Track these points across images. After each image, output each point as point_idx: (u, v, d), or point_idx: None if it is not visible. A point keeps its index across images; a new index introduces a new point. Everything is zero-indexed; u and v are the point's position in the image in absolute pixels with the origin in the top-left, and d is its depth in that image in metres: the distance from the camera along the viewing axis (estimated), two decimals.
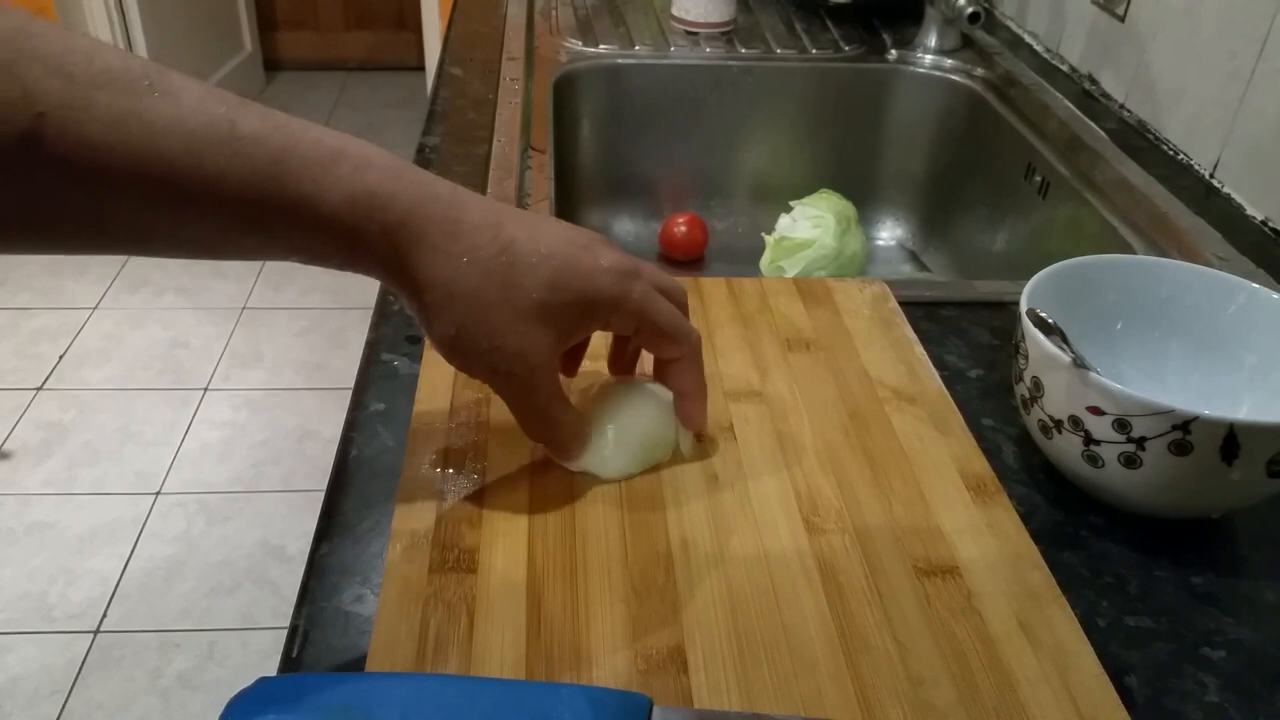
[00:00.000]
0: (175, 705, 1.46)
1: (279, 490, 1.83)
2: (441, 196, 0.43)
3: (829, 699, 0.40)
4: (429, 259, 0.42)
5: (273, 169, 0.39)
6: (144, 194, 0.37)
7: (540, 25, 1.18)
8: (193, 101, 0.38)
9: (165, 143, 0.37)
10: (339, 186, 0.40)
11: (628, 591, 0.44)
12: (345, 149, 0.41)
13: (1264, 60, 0.79)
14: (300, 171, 0.39)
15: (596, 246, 0.46)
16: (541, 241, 0.44)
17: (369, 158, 0.41)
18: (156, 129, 0.36)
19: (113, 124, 0.36)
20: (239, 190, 0.38)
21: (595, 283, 0.45)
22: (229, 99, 0.39)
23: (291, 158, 0.39)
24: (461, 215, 0.43)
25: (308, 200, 0.40)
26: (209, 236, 0.40)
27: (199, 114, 0.37)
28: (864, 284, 0.68)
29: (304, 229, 0.40)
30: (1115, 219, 0.84)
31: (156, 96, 0.37)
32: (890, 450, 0.53)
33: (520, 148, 0.87)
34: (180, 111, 0.37)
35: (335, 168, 0.40)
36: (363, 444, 0.53)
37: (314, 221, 0.40)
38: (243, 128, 0.38)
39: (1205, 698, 0.42)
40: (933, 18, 1.13)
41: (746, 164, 1.18)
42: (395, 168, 0.42)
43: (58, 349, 2.15)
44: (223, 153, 0.38)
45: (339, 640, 0.42)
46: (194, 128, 0.37)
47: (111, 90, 0.36)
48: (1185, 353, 0.57)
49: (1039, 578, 0.46)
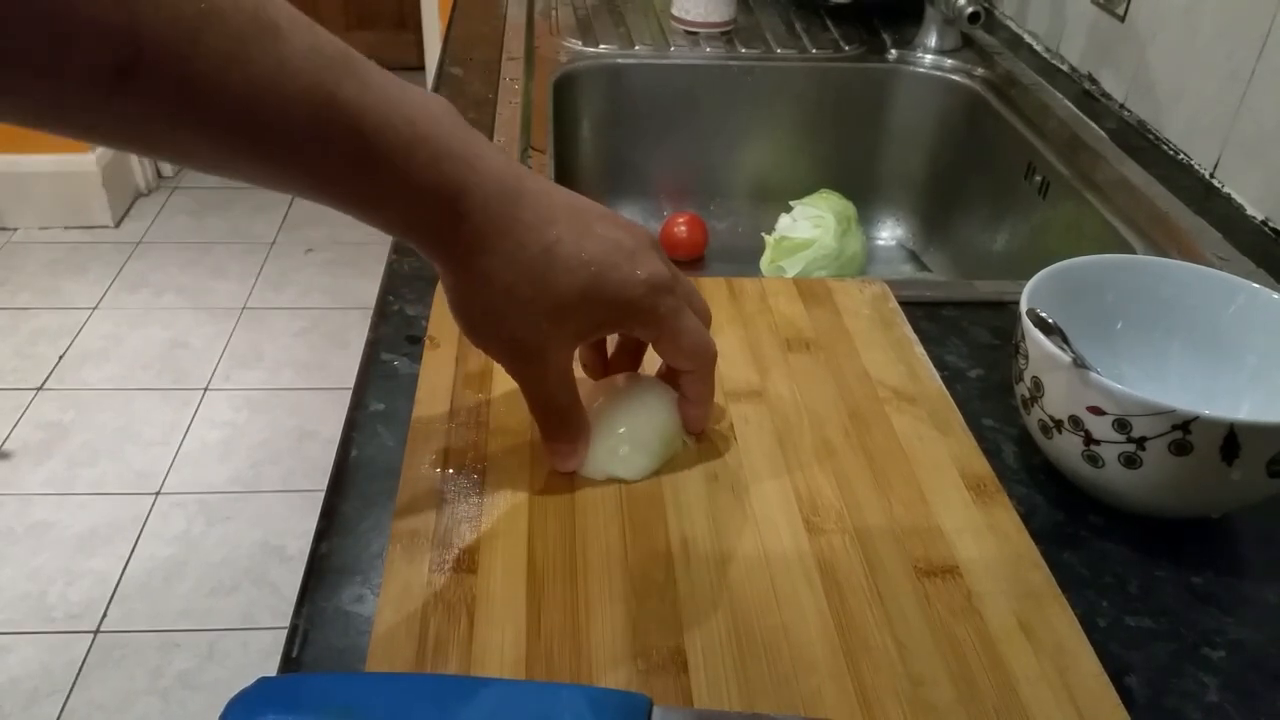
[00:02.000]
0: (175, 705, 1.46)
1: (279, 490, 1.83)
2: (506, 190, 0.43)
3: (829, 699, 0.40)
4: (478, 251, 0.43)
5: (362, 150, 0.39)
6: (230, 143, 0.37)
7: (540, 25, 1.18)
8: (298, 59, 0.37)
9: (261, 101, 0.36)
10: (416, 176, 0.41)
11: (628, 591, 0.44)
12: (428, 135, 0.41)
13: (1263, 60, 0.79)
14: (385, 158, 0.40)
15: (641, 255, 0.46)
16: (586, 245, 0.45)
17: (450, 144, 0.42)
18: (256, 84, 0.35)
19: (213, 70, 0.34)
20: (324, 160, 0.39)
21: (627, 294, 0.46)
22: (334, 56, 0.38)
23: (379, 141, 0.39)
24: (518, 212, 0.44)
25: (384, 184, 0.40)
26: (288, 185, 0.40)
27: (301, 76, 0.37)
28: (864, 284, 0.68)
29: (377, 204, 0.42)
30: (1115, 219, 0.84)
31: (264, 48, 0.35)
32: (890, 450, 0.53)
33: (520, 148, 0.87)
34: (283, 70, 0.36)
35: (417, 155, 0.40)
36: (363, 444, 0.53)
37: (385, 201, 0.41)
38: (340, 98, 0.38)
39: (1205, 698, 0.42)
40: (933, 18, 1.13)
41: (746, 164, 1.18)
42: (470, 155, 0.42)
43: (58, 349, 2.15)
44: (317, 122, 0.37)
45: (339, 640, 0.42)
46: (294, 91, 0.36)
47: (218, 35, 0.34)
48: (1185, 353, 0.57)
49: (1039, 578, 0.46)
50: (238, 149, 0.37)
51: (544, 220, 0.44)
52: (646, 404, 0.51)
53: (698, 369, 0.51)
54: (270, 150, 0.38)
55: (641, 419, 0.51)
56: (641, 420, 0.51)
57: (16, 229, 2.54)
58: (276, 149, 0.38)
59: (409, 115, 0.40)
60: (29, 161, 2.44)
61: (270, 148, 0.38)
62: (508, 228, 0.43)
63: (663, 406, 0.52)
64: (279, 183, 0.40)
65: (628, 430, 0.50)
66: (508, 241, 0.43)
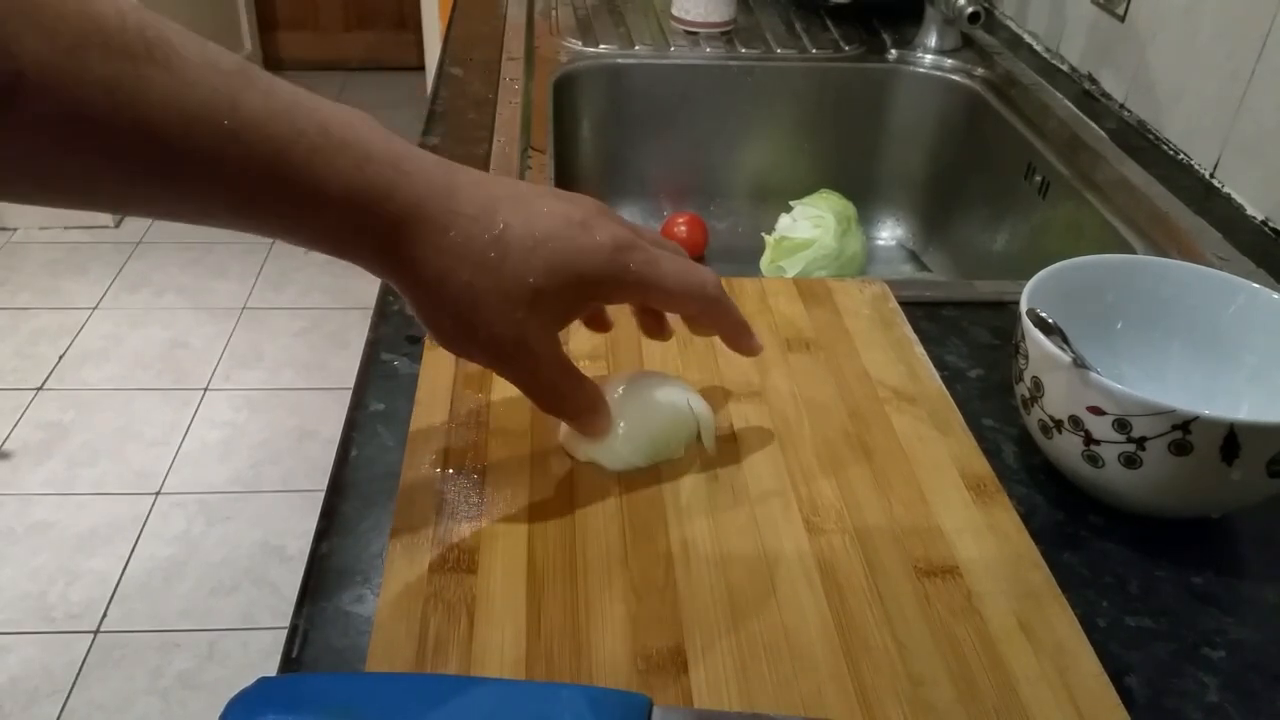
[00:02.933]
0: (175, 705, 1.46)
1: (279, 490, 1.83)
2: (436, 187, 0.42)
3: (829, 699, 0.40)
4: (421, 254, 0.41)
5: (273, 159, 0.37)
6: (133, 167, 0.35)
7: (540, 25, 1.18)
8: (193, 72, 0.35)
9: (160, 118, 0.34)
10: (338, 181, 0.39)
11: (628, 591, 0.44)
12: (346, 140, 0.39)
13: (1263, 60, 0.79)
14: (301, 165, 0.38)
15: (594, 221, 0.45)
16: (536, 225, 0.43)
17: (371, 147, 0.40)
18: (152, 101, 0.34)
19: (103, 92, 0.33)
20: (234, 176, 0.37)
21: (592, 262, 0.44)
22: (231, 69, 0.37)
23: (294, 150, 0.37)
24: (456, 206, 0.42)
25: (305, 194, 0.38)
26: (198, 212, 0.39)
27: (199, 88, 0.35)
28: (864, 284, 0.68)
29: (296, 218, 0.39)
30: (1115, 219, 0.84)
31: (154, 63, 0.34)
32: (890, 450, 0.53)
33: (520, 147, 0.87)
34: (178, 84, 0.34)
35: (336, 161, 0.39)
36: (363, 444, 0.53)
37: (308, 213, 0.39)
38: (244, 107, 0.36)
39: (1205, 698, 0.42)
40: (933, 18, 1.13)
41: (746, 164, 1.18)
42: (393, 157, 0.41)
43: (58, 349, 2.15)
44: (221, 136, 0.36)
45: (339, 640, 0.42)
46: (193, 106, 0.35)
47: (104, 54, 0.33)
48: (1185, 353, 0.57)
49: (1039, 578, 0.46)
50: (137, 175, 0.35)
51: (484, 210, 0.42)
52: (646, 401, 0.51)
53: (706, 305, 0.48)
54: (177, 173, 0.36)
55: (637, 416, 0.51)
56: (637, 417, 0.51)
57: (16, 229, 2.54)
58: (183, 171, 0.36)
59: (322, 122, 0.39)
60: None
61: (176, 170, 0.36)
62: (448, 223, 0.41)
63: (664, 407, 0.52)
64: (193, 210, 0.38)
65: (625, 426, 0.50)
66: (451, 238, 0.41)
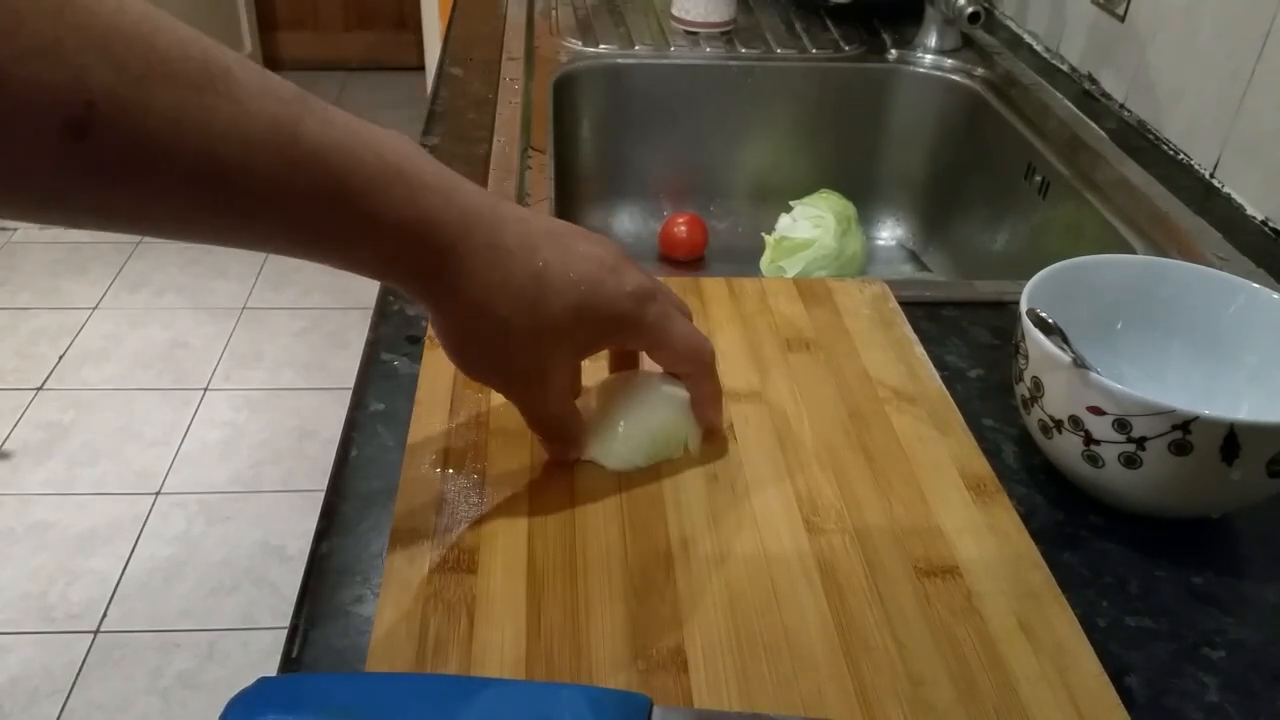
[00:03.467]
0: (175, 705, 1.46)
1: (279, 490, 1.83)
2: (484, 220, 0.43)
3: (829, 699, 0.40)
4: (464, 285, 0.43)
5: (333, 188, 0.38)
6: (194, 195, 0.35)
7: (540, 25, 1.18)
8: (254, 100, 0.35)
9: (223, 148, 0.34)
10: (392, 211, 0.40)
11: (628, 591, 0.44)
12: (402, 168, 0.40)
13: (1263, 60, 0.79)
14: (359, 194, 0.38)
15: (622, 269, 0.47)
16: (571, 266, 0.45)
17: (423, 177, 0.41)
18: (215, 131, 0.34)
19: (169, 122, 0.33)
20: (294, 204, 0.37)
21: (618, 308, 0.46)
22: (291, 97, 0.37)
23: (352, 178, 0.38)
24: (500, 240, 0.43)
25: (361, 222, 0.39)
26: (254, 239, 0.39)
27: (261, 117, 0.35)
28: (864, 284, 0.68)
29: (350, 245, 0.40)
30: (1115, 219, 0.84)
31: (217, 93, 0.34)
32: (890, 450, 0.53)
33: (520, 147, 0.87)
34: (241, 112, 0.35)
35: (392, 190, 0.39)
36: (363, 444, 0.53)
37: (362, 240, 0.40)
38: (305, 136, 0.37)
39: (1205, 698, 0.42)
40: (933, 18, 1.13)
41: (746, 164, 1.18)
42: (445, 187, 0.42)
43: (58, 349, 2.15)
44: (282, 164, 0.36)
45: (339, 640, 0.42)
46: (255, 134, 0.35)
47: (170, 84, 0.33)
48: (1185, 353, 0.57)
49: (1039, 578, 0.46)
50: (202, 204, 0.36)
51: (527, 247, 0.44)
52: (646, 401, 0.52)
53: (697, 369, 0.51)
54: (236, 200, 0.36)
55: (636, 414, 0.51)
56: (635, 416, 0.51)
57: (16, 229, 2.54)
58: (242, 198, 0.36)
59: (378, 150, 0.39)
60: None
61: (236, 198, 0.36)
62: (492, 258, 0.43)
63: (663, 406, 0.52)
64: (249, 236, 0.39)
65: (623, 424, 0.51)
66: (496, 272, 0.43)
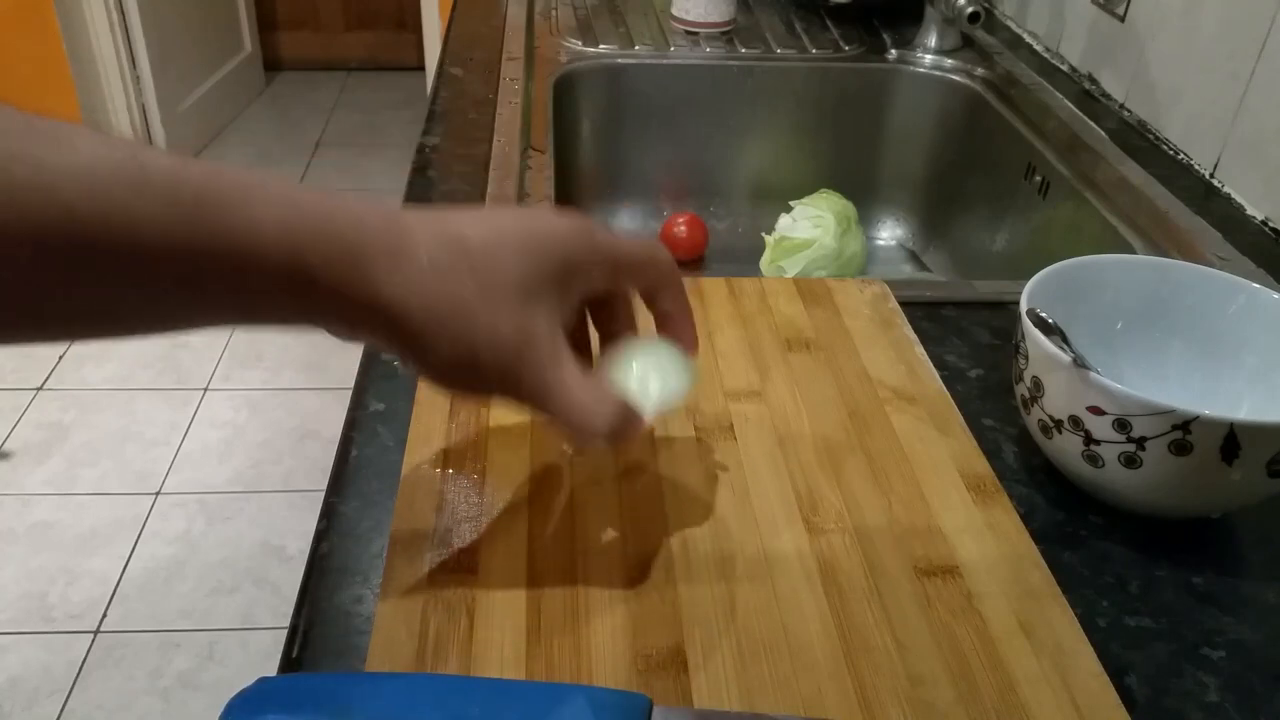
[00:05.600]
0: (175, 705, 1.46)
1: (279, 490, 1.83)
2: (379, 216, 0.39)
3: (829, 699, 0.40)
4: (388, 280, 0.38)
5: (194, 205, 0.34)
6: (38, 256, 0.31)
7: (540, 25, 1.18)
8: (90, 142, 0.32)
9: (63, 189, 0.31)
10: (269, 213, 0.35)
11: (628, 591, 0.44)
12: (265, 178, 0.36)
13: (1264, 60, 0.79)
14: (225, 204, 0.34)
15: (544, 214, 0.43)
16: (491, 226, 0.41)
17: (290, 185, 0.37)
18: (49, 172, 0.31)
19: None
20: (159, 235, 0.33)
21: (561, 239, 0.42)
22: (129, 142, 0.34)
23: (212, 192, 0.34)
24: (405, 226, 0.39)
25: (239, 235, 0.35)
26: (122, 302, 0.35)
27: (100, 158, 0.32)
28: (864, 284, 0.68)
29: (238, 272, 0.35)
30: (1115, 219, 0.84)
31: (44, 142, 0.31)
32: (890, 450, 0.53)
33: (520, 147, 0.87)
34: (78, 153, 0.32)
35: (262, 193, 0.35)
36: (363, 444, 0.53)
37: (249, 261, 0.35)
38: (153, 167, 0.33)
39: (1205, 698, 0.42)
40: (933, 17, 1.13)
41: (746, 164, 1.18)
42: (319, 191, 0.38)
43: (58, 349, 2.15)
44: (135, 192, 0.32)
45: (339, 640, 0.42)
46: (97, 171, 0.32)
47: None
48: (1185, 353, 0.57)
49: (1039, 577, 0.46)
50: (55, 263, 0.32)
51: (439, 229, 0.40)
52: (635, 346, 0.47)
53: (663, 273, 0.46)
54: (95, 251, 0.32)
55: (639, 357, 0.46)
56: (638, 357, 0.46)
57: None
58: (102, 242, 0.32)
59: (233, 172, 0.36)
60: None
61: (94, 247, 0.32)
62: (401, 244, 0.38)
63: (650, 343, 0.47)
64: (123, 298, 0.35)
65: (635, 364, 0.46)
66: (414, 257, 0.38)
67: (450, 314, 0.39)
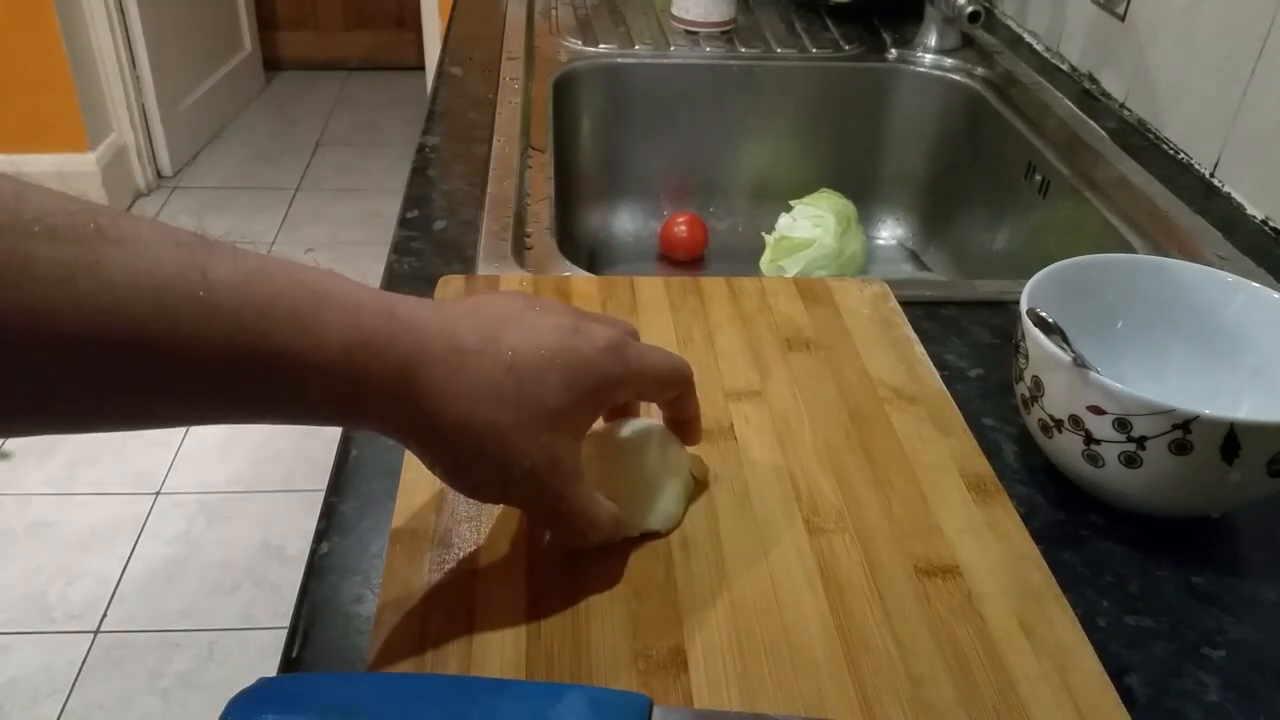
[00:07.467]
0: (175, 705, 1.46)
1: (279, 490, 1.83)
2: (434, 327, 0.39)
3: (829, 699, 0.40)
4: (438, 403, 0.38)
5: (258, 323, 0.34)
6: (103, 365, 0.31)
7: (540, 25, 1.17)
8: (152, 247, 0.32)
9: (129, 302, 0.31)
10: (332, 336, 0.35)
11: (628, 591, 0.44)
12: (331, 290, 0.36)
13: (1264, 60, 0.79)
14: (289, 324, 0.34)
15: (584, 328, 0.43)
16: (540, 343, 0.41)
17: (356, 297, 0.37)
18: (116, 284, 0.30)
19: (59, 283, 0.29)
20: (221, 351, 0.33)
21: (600, 370, 0.42)
22: (191, 239, 0.34)
23: (277, 309, 0.34)
24: (460, 344, 0.39)
25: (300, 355, 0.35)
26: (178, 408, 0.35)
27: (164, 263, 0.32)
28: (864, 284, 0.68)
29: (295, 387, 0.36)
30: (1115, 218, 0.84)
31: (110, 244, 0.31)
32: (890, 450, 0.53)
33: (520, 147, 0.87)
34: (141, 261, 0.31)
35: (325, 314, 0.35)
36: (363, 444, 0.53)
37: (307, 378, 0.35)
38: (215, 275, 0.33)
39: (1205, 697, 0.42)
40: (933, 17, 1.13)
41: (746, 164, 1.18)
42: (383, 304, 0.38)
43: None
44: (199, 307, 0.32)
45: (339, 640, 0.42)
46: (161, 280, 0.31)
47: (54, 241, 0.29)
48: (1186, 352, 0.57)
49: (1039, 577, 0.46)
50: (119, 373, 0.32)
51: (488, 340, 0.40)
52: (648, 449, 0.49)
53: (685, 387, 0.48)
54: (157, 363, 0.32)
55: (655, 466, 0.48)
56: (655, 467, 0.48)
57: None
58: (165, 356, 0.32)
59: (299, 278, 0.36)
60: (29, 161, 2.44)
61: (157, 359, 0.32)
62: (458, 364, 0.39)
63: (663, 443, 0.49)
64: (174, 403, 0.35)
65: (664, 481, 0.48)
66: (466, 379, 0.39)
67: (488, 438, 0.40)
